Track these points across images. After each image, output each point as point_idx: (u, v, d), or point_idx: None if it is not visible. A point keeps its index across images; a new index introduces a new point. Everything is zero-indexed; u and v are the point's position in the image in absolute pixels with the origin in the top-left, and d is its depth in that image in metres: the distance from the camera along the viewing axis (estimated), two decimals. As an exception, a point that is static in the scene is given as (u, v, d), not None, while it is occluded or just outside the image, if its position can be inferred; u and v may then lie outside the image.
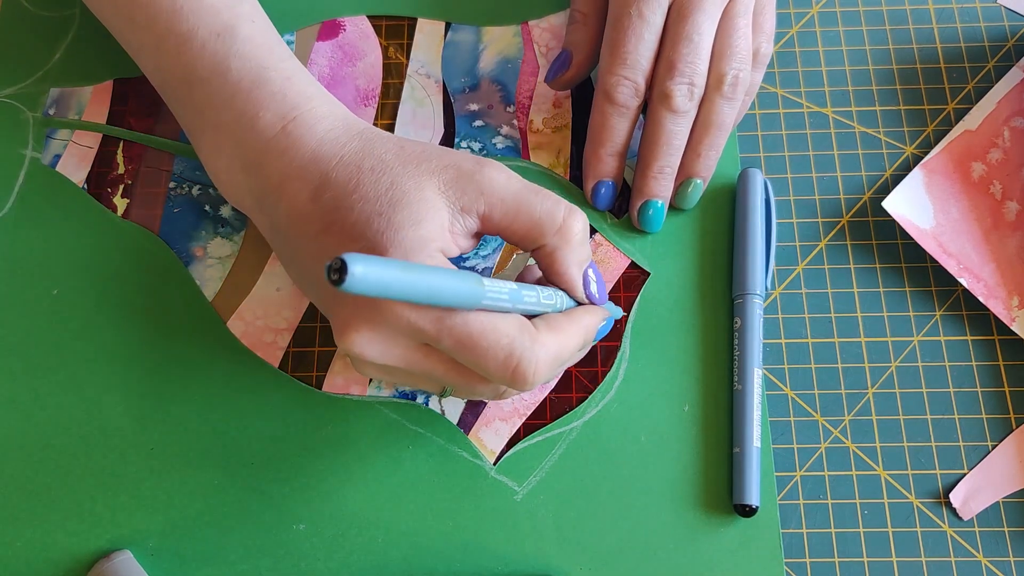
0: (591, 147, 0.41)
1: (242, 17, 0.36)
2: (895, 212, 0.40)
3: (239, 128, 0.34)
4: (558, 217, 0.33)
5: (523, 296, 0.31)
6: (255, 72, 0.35)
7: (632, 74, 0.39)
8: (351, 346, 0.30)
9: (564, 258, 0.33)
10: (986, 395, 0.39)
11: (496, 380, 0.31)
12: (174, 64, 0.36)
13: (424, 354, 0.31)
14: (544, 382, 0.33)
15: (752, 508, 0.36)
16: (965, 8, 0.45)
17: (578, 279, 0.34)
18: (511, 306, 0.31)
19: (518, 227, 0.33)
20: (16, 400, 0.39)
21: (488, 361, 0.30)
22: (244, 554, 0.37)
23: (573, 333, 0.33)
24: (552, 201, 0.33)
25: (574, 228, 0.33)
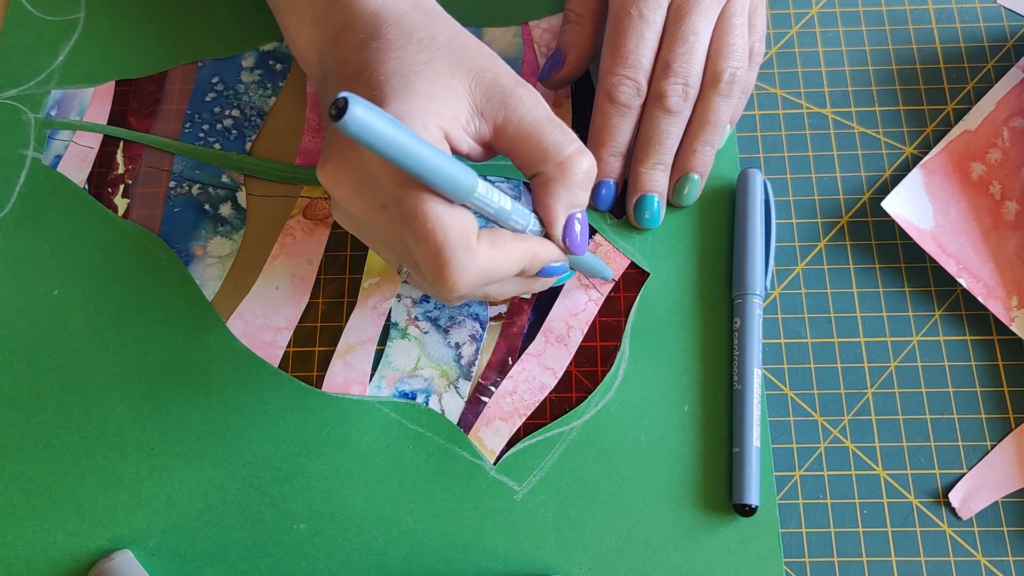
0: (592, 147, 0.41)
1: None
2: (894, 212, 0.40)
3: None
4: (564, 151, 0.32)
5: (511, 218, 0.32)
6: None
7: (633, 74, 0.39)
8: (322, 177, 0.32)
9: (554, 191, 0.33)
10: (985, 395, 0.39)
11: (423, 272, 0.31)
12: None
13: (384, 217, 0.31)
14: (470, 293, 0.32)
15: (752, 508, 0.36)
16: (964, 8, 0.45)
17: (559, 217, 0.33)
18: (493, 215, 0.31)
19: (524, 148, 0.33)
20: (16, 400, 0.39)
21: (420, 249, 0.30)
22: (244, 554, 0.37)
23: (512, 254, 0.32)
24: (566, 136, 0.33)
25: (575, 167, 0.33)
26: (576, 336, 0.40)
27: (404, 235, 0.30)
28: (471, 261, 0.30)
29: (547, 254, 0.34)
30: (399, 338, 0.40)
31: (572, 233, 0.34)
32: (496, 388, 0.39)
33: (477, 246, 0.30)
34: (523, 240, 0.33)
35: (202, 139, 0.44)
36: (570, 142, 0.33)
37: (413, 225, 0.29)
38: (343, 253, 0.42)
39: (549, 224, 0.34)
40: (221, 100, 0.45)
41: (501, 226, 0.32)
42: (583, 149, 0.33)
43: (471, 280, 0.30)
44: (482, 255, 0.31)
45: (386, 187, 0.30)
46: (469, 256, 0.30)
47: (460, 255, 0.30)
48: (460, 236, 0.30)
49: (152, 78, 0.45)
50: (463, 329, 0.40)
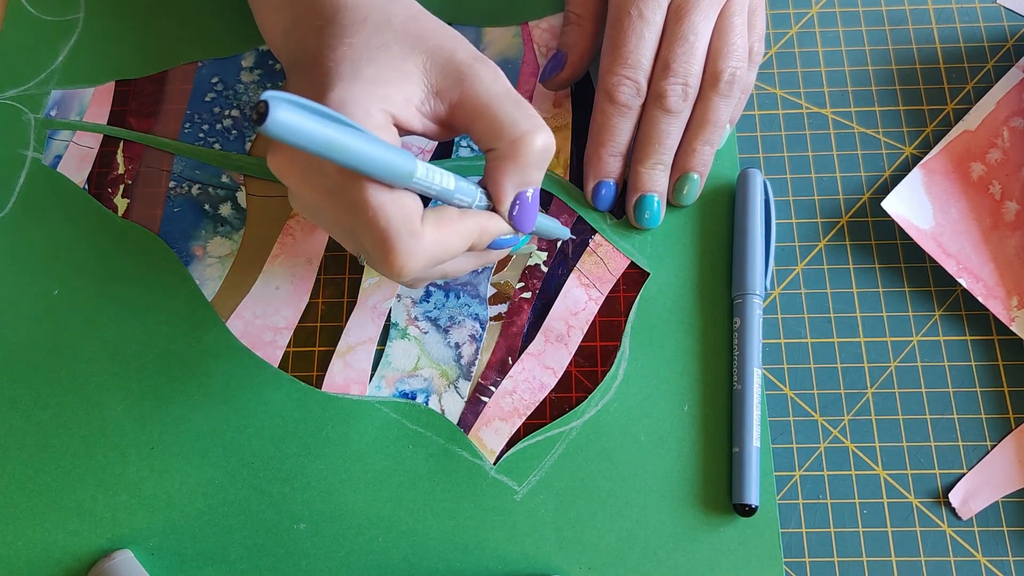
0: (592, 147, 0.41)
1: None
2: (894, 212, 0.40)
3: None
4: (519, 128, 0.32)
5: (456, 196, 0.32)
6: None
7: (633, 74, 0.39)
8: (271, 166, 0.31)
9: (505, 168, 0.32)
10: (985, 395, 0.39)
11: (372, 257, 0.31)
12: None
13: (332, 203, 0.31)
14: (420, 276, 0.33)
15: (751, 508, 0.36)
16: (964, 8, 0.45)
17: (507, 194, 0.33)
18: (437, 195, 0.31)
19: (480, 124, 0.32)
20: (17, 400, 0.39)
21: (366, 236, 0.30)
22: (244, 554, 0.37)
23: (459, 232, 0.32)
24: (523, 113, 0.32)
25: (529, 144, 0.32)
26: (576, 336, 0.40)
27: (350, 221, 0.30)
28: (417, 244, 0.30)
29: (495, 228, 0.33)
30: (399, 338, 0.40)
31: (519, 211, 0.33)
32: (496, 388, 0.39)
33: (422, 228, 0.30)
34: (470, 216, 0.32)
35: (202, 139, 0.44)
36: (527, 119, 0.32)
37: (356, 212, 0.30)
38: (343, 253, 0.42)
39: (497, 201, 0.33)
40: (221, 100, 0.45)
41: (448, 204, 0.32)
42: (540, 127, 0.32)
43: (419, 263, 0.30)
44: (428, 237, 0.30)
45: (330, 174, 0.30)
46: (414, 240, 0.30)
47: (405, 239, 0.30)
48: (403, 221, 0.30)
49: (152, 78, 0.45)
50: (463, 329, 0.40)
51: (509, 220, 0.34)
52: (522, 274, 0.41)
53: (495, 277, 0.41)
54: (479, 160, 0.43)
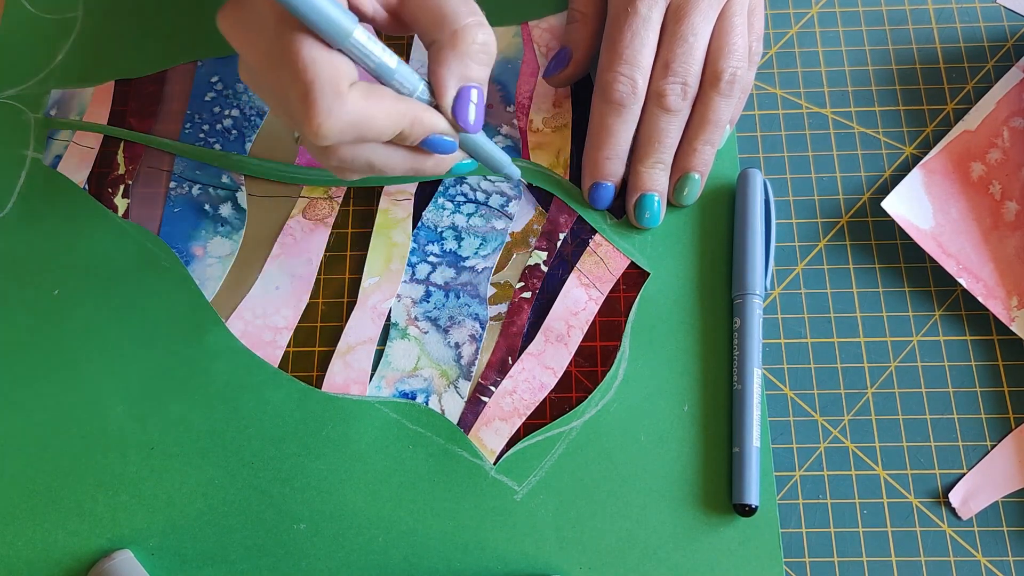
0: (589, 148, 0.41)
1: None
2: (894, 212, 0.40)
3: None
4: (460, 20, 0.32)
5: (395, 77, 0.31)
6: None
7: (630, 71, 0.39)
8: (220, 23, 0.32)
9: (445, 59, 0.32)
10: (985, 395, 0.39)
11: (294, 115, 0.31)
12: None
13: (272, 64, 0.31)
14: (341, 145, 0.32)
15: (751, 508, 0.36)
16: (964, 8, 0.45)
17: (448, 86, 0.32)
18: (375, 70, 0.31)
19: (424, 15, 0.32)
20: (16, 400, 0.39)
21: (292, 91, 0.30)
22: (244, 554, 0.37)
23: (388, 109, 0.31)
24: (468, 8, 0.32)
25: (469, 37, 0.32)
26: (576, 335, 0.40)
27: (281, 78, 0.30)
28: (339, 106, 0.30)
29: (430, 121, 0.33)
30: (399, 338, 0.40)
31: (463, 106, 0.33)
32: (496, 388, 0.39)
33: (348, 93, 0.30)
34: (404, 101, 0.32)
35: (202, 139, 0.44)
36: (470, 13, 0.32)
37: (287, 63, 0.29)
38: (343, 253, 0.42)
39: (438, 92, 0.32)
40: (221, 100, 0.45)
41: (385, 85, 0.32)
42: (482, 23, 0.32)
43: (338, 125, 0.30)
44: (352, 102, 0.30)
45: (271, 28, 0.30)
46: (337, 100, 0.30)
47: (328, 98, 0.29)
48: (330, 79, 0.29)
49: (152, 78, 0.45)
50: (463, 329, 0.40)
51: (450, 115, 0.33)
52: (522, 274, 0.41)
53: (495, 277, 0.41)
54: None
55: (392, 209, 0.42)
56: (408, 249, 0.42)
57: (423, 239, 0.42)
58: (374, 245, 0.42)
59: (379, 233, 0.42)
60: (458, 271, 0.41)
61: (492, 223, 0.42)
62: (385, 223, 0.42)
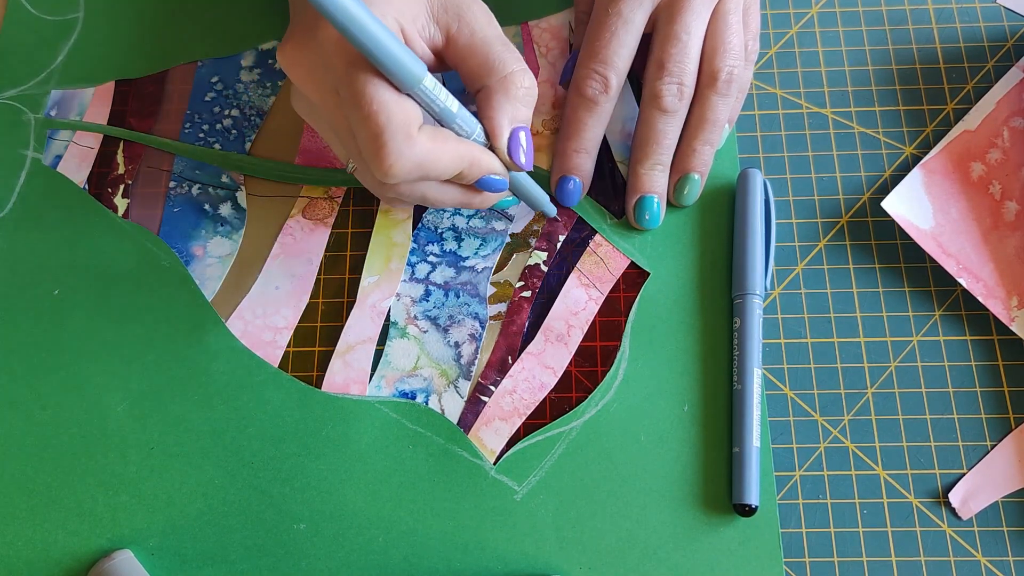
0: (559, 141, 0.41)
1: None
2: (894, 212, 0.40)
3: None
4: (508, 67, 0.34)
5: (456, 120, 0.33)
6: None
7: (602, 68, 0.39)
8: (281, 58, 0.33)
9: (497, 103, 0.34)
10: (985, 395, 0.39)
11: (364, 154, 0.32)
12: None
13: (335, 101, 0.32)
14: (407, 188, 0.34)
15: (751, 508, 0.36)
16: (964, 8, 0.45)
17: (503, 127, 0.34)
18: (439, 114, 0.32)
19: (472, 61, 0.34)
20: (17, 400, 0.39)
21: (362, 131, 0.31)
22: (244, 554, 0.37)
23: (451, 152, 0.33)
24: (512, 55, 0.34)
25: (518, 82, 0.34)
26: (576, 335, 0.40)
27: (350, 117, 0.31)
28: (409, 148, 0.31)
29: (487, 163, 0.35)
30: (398, 337, 0.40)
31: (516, 146, 0.35)
32: (496, 387, 0.39)
33: (417, 136, 0.32)
34: (464, 143, 0.34)
35: (202, 139, 0.44)
36: (515, 60, 0.34)
37: (359, 105, 0.31)
38: (343, 253, 0.42)
39: (493, 134, 0.34)
40: (221, 100, 0.45)
41: (446, 127, 0.33)
42: (526, 69, 0.34)
43: (407, 166, 0.32)
44: (420, 145, 0.32)
45: (339, 68, 0.31)
46: (408, 143, 0.31)
47: (399, 140, 0.31)
48: (402, 122, 0.31)
49: (152, 78, 0.45)
50: (463, 328, 0.40)
51: (506, 156, 0.35)
52: (522, 273, 0.41)
53: (495, 277, 0.41)
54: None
55: (392, 210, 0.42)
56: (408, 249, 0.42)
57: (423, 239, 0.42)
58: (374, 245, 0.42)
59: (379, 233, 0.42)
60: (458, 271, 0.41)
61: (492, 224, 0.42)
62: (385, 223, 0.42)
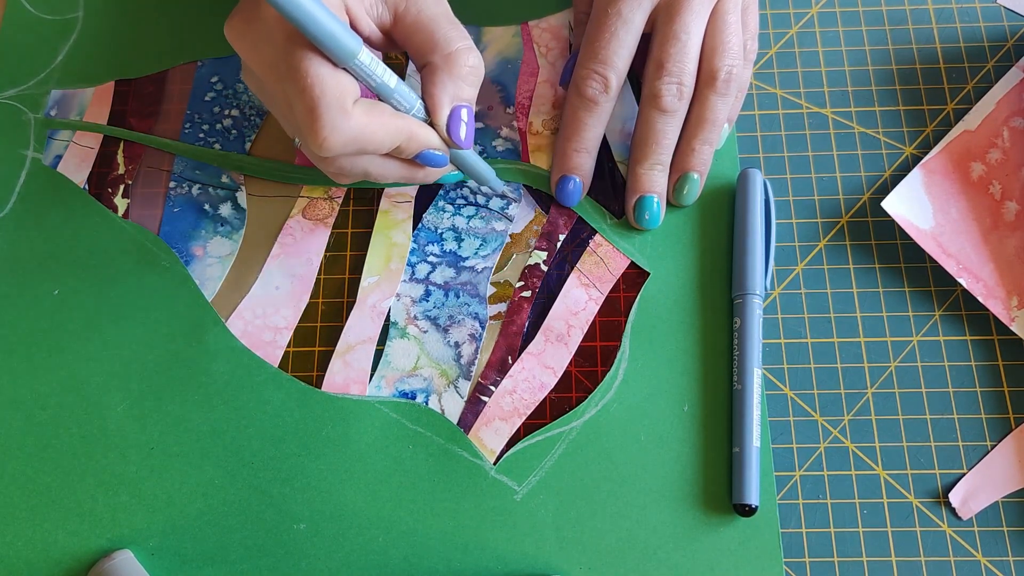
0: (559, 141, 0.42)
1: None
2: (894, 212, 0.40)
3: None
4: (452, 44, 0.34)
5: (394, 95, 0.33)
6: None
7: (602, 68, 0.39)
8: (227, 31, 0.33)
9: (439, 80, 0.34)
10: (985, 395, 0.39)
11: (300, 128, 0.32)
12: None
13: (276, 75, 0.33)
14: (347, 163, 0.35)
15: (751, 508, 0.36)
16: (964, 8, 0.45)
17: (443, 105, 0.35)
18: (376, 88, 0.33)
19: (418, 38, 0.34)
20: (17, 400, 0.39)
21: (298, 104, 0.32)
22: (244, 554, 0.37)
23: (387, 126, 0.33)
24: (458, 33, 0.34)
25: (462, 60, 0.34)
26: (576, 335, 0.40)
27: (288, 90, 0.32)
28: (343, 121, 0.32)
29: (425, 138, 0.35)
30: (398, 337, 0.40)
31: (456, 124, 0.35)
32: (496, 387, 0.39)
33: (352, 109, 0.32)
34: (402, 118, 0.34)
35: (202, 139, 0.44)
36: (461, 39, 0.34)
37: (295, 79, 0.31)
38: (343, 253, 0.42)
39: (432, 111, 0.35)
40: (221, 100, 0.45)
41: (385, 102, 0.34)
42: (472, 48, 0.35)
43: (341, 139, 0.32)
44: (355, 119, 0.32)
45: (278, 42, 0.31)
46: (342, 116, 0.32)
47: (333, 113, 0.31)
48: (336, 95, 0.31)
49: (152, 78, 0.45)
50: (462, 328, 0.40)
51: (444, 132, 0.35)
52: (522, 273, 0.41)
53: (495, 276, 0.41)
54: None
55: (393, 210, 0.42)
56: (408, 249, 0.42)
57: (423, 240, 0.42)
58: (374, 245, 0.42)
59: (379, 233, 0.42)
60: (458, 271, 0.41)
61: (492, 225, 0.42)
62: (385, 224, 0.42)
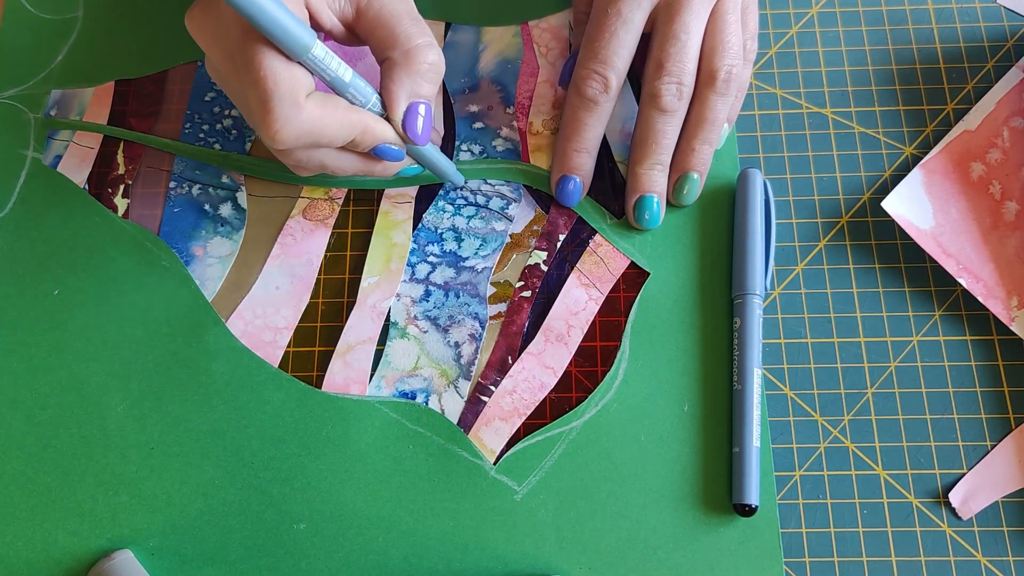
0: (559, 141, 0.41)
1: None
2: (894, 212, 0.40)
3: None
4: (412, 40, 0.34)
5: (349, 89, 0.34)
6: None
7: (602, 68, 0.39)
8: (188, 23, 0.34)
9: (397, 76, 0.35)
10: (985, 395, 0.39)
11: (254, 119, 0.33)
12: None
13: (233, 68, 0.33)
14: (296, 150, 0.34)
15: (751, 508, 0.36)
16: (964, 8, 0.45)
17: (399, 100, 0.35)
18: (331, 82, 0.33)
19: (379, 33, 0.35)
20: (17, 400, 0.39)
21: (252, 96, 0.32)
22: (244, 554, 0.37)
23: (340, 120, 0.33)
24: (418, 29, 0.35)
25: (421, 57, 0.34)
26: (576, 335, 0.40)
27: (243, 82, 0.32)
28: (295, 114, 0.32)
29: (380, 132, 0.35)
30: (398, 337, 0.40)
31: (412, 120, 0.35)
32: (496, 388, 0.39)
33: (305, 103, 0.32)
34: (357, 112, 0.34)
35: (202, 139, 0.44)
36: (421, 35, 0.35)
37: (249, 71, 0.31)
38: (343, 253, 0.42)
39: (389, 107, 0.35)
40: (221, 100, 0.45)
41: (340, 96, 0.34)
42: (432, 44, 0.35)
43: (293, 132, 0.32)
44: (307, 111, 0.32)
45: (235, 34, 0.32)
46: (294, 109, 0.32)
47: (286, 106, 0.32)
48: (288, 89, 0.32)
49: (152, 78, 0.45)
50: (462, 328, 0.40)
51: (400, 128, 0.35)
52: (522, 273, 0.41)
53: (495, 276, 0.41)
54: (480, 163, 0.43)
55: (393, 211, 0.42)
56: (408, 249, 0.42)
57: (423, 240, 0.42)
58: (374, 245, 0.42)
59: (379, 233, 0.42)
60: (458, 271, 0.41)
61: (492, 225, 0.42)
62: (385, 224, 0.42)
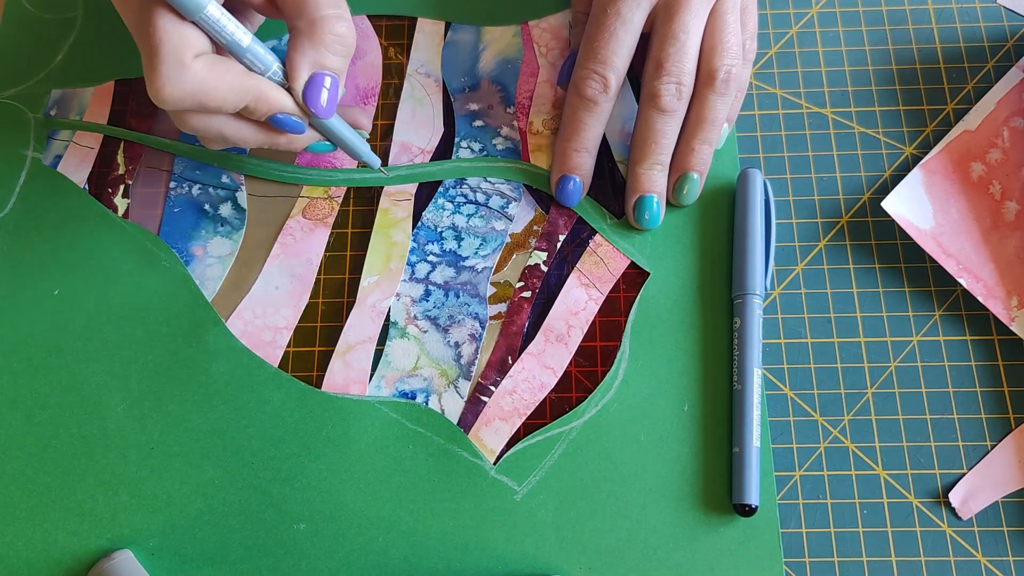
0: (559, 141, 0.41)
1: None
2: (894, 212, 0.40)
3: None
4: (320, 10, 0.34)
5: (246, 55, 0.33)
6: None
7: (601, 68, 0.39)
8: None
9: (300, 45, 0.34)
10: (985, 395, 0.39)
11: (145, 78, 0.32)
12: None
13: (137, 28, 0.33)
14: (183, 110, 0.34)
15: (751, 508, 0.36)
16: (964, 8, 0.45)
17: (301, 70, 0.34)
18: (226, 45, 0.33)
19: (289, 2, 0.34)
20: (17, 400, 0.39)
21: (142, 52, 0.32)
22: (244, 554, 0.37)
23: (231, 84, 0.33)
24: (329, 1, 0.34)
25: (327, 27, 0.34)
26: (576, 335, 0.40)
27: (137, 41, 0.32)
28: (180, 73, 0.31)
29: (276, 100, 0.34)
30: (398, 337, 0.40)
31: (314, 91, 0.34)
32: (496, 388, 0.39)
33: (192, 63, 0.32)
34: (252, 77, 0.34)
35: (202, 139, 0.44)
36: (331, 6, 0.34)
37: (141, 29, 0.31)
38: (343, 253, 0.42)
39: (290, 76, 0.34)
40: (221, 100, 0.45)
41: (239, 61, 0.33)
42: (342, 16, 0.34)
43: (177, 92, 0.32)
44: (194, 72, 0.32)
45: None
46: (179, 68, 0.31)
47: (170, 64, 0.31)
48: (175, 47, 0.31)
49: (152, 78, 0.45)
50: (462, 328, 0.40)
51: (299, 97, 0.34)
52: (522, 273, 0.41)
53: (495, 276, 0.41)
54: (479, 161, 0.43)
55: (392, 209, 0.42)
56: (408, 248, 0.42)
57: (423, 239, 0.42)
58: (373, 244, 0.42)
59: (379, 232, 0.42)
60: (458, 270, 0.41)
61: (492, 224, 0.42)
62: (385, 223, 0.42)
